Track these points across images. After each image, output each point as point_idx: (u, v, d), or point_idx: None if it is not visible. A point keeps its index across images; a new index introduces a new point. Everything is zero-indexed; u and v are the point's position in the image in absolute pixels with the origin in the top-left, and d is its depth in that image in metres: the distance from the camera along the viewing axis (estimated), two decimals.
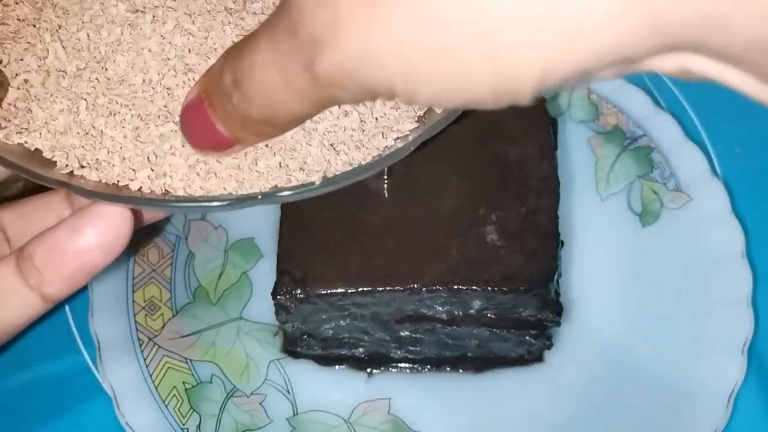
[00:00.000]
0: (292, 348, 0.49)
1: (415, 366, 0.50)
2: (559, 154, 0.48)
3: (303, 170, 0.32)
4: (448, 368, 0.50)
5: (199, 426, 0.47)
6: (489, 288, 0.43)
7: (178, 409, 0.48)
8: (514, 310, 0.45)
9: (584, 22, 0.20)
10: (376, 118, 0.35)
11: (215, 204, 0.31)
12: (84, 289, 0.50)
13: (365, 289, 0.43)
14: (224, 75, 0.25)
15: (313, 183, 0.32)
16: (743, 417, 0.48)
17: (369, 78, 0.22)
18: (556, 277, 0.44)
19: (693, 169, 0.55)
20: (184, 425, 0.47)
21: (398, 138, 0.35)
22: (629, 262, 0.52)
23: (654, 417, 0.47)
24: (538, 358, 0.50)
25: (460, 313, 0.45)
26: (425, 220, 0.45)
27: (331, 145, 0.33)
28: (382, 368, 0.50)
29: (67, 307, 0.52)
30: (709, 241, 0.52)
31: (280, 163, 0.32)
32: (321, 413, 0.48)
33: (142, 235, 0.52)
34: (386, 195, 0.46)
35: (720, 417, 0.46)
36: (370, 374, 0.50)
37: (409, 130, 0.35)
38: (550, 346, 0.49)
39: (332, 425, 0.48)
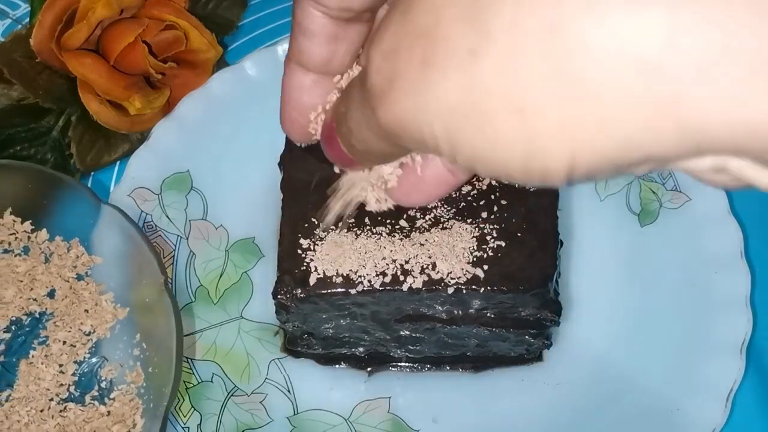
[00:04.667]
0: (292, 347, 0.50)
1: (415, 365, 0.50)
2: None
3: None
4: (447, 367, 0.50)
5: (200, 425, 0.47)
6: (489, 288, 0.43)
7: (179, 408, 0.48)
8: (513, 309, 0.45)
9: (613, 116, 0.20)
10: None
11: None
12: None
13: (365, 288, 0.43)
14: (340, 106, 0.28)
15: None
16: (742, 416, 0.48)
17: (418, 134, 0.23)
18: (555, 277, 0.45)
19: None
20: (185, 424, 0.47)
21: None
22: (628, 261, 0.53)
23: (653, 416, 0.47)
24: (538, 358, 0.50)
25: (460, 312, 0.45)
26: (425, 220, 0.45)
27: None
28: (383, 367, 0.50)
29: None
30: (708, 241, 0.52)
31: None
32: (321, 412, 0.48)
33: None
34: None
35: (719, 416, 0.46)
36: (370, 373, 0.50)
37: None
38: (549, 346, 0.49)
39: (332, 424, 0.48)
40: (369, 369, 0.50)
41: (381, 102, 0.24)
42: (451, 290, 0.43)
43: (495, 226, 0.45)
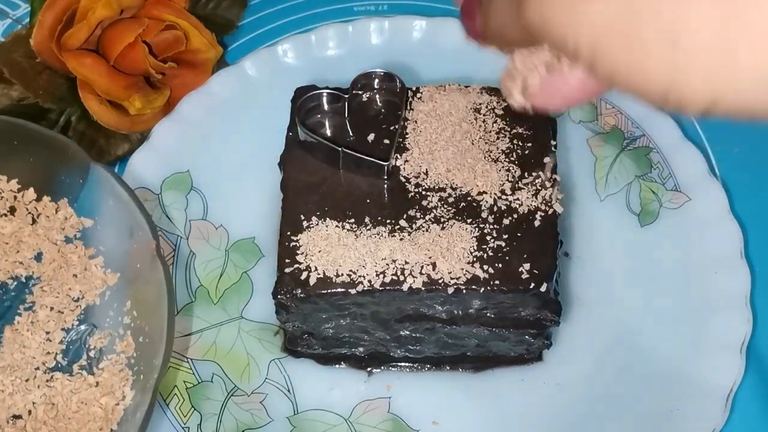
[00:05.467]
0: (292, 347, 0.50)
1: (415, 365, 0.50)
2: (558, 154, 0.48)
3: None
4: (447, 367, 0.50)
5: (200, 425, 0.47)
6: (489, 288, 0.43)
7: (179, 408, 0.48)
8: (513, 309, 0.45)
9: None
10: None
11: None
12: None
13: (365, 288, 0.43)
14: None
15: None
16: (742, 416, 0.48)
17: (561, 39, 0.24)
18: (555, 277, 0.45)
19: (691, 170, 0.55)
20: (185, 424, 0.47)
21: None
22: (628, 261, 0.53)
23: (653, 416, 0.47)
24: (538, 358, 0.50)
25: (460, 312, 0.45)
26: (425, 221, 0.45)
27: None
28: (382, 367, 0.50)
29: None
30: (708, 240, 0.52)
31: None
32: (321, 412, 0.48)
33: None
34: (386, 196, 0.46)
35: (718, 416, 0.46)
36: (370, 373, 0.50)
37: None
38: (549, 346, 0.49)
39: (332, 424, 0.48)
40: (369, 369, 0.50)
41: (530, 2, 0.25)
42: (451, 290, 0.43)
43: (495, 226, 0.45)
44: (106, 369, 0.45)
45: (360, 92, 0.49)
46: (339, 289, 0.43)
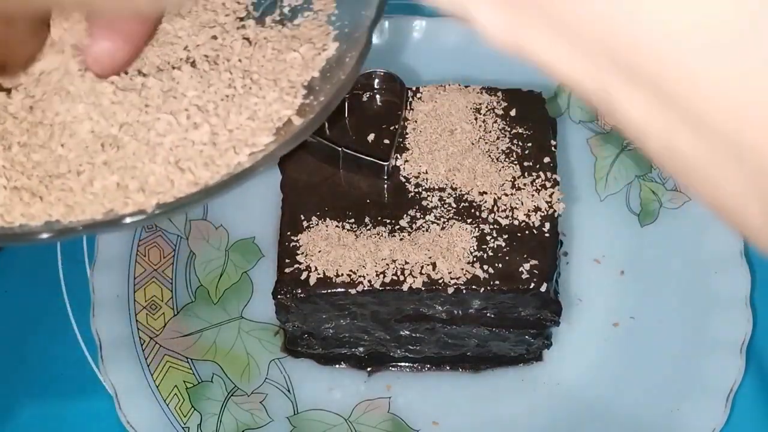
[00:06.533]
0: (292, 347, 0.50)
1: (415, 365, 0.50)
2: (558, 154, 0.48)
3: (143, 191, 0.30)
4: (447, 367, 0.50)
5: (200, 425, 0.47)
6: (489, 288, 0.43)
7: (179, 408, 0.48)
8: (513, 309, 0.45)
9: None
10: (230, 131, 0.33)
11: (27, 237, 0.29)
12: (85, 288, 0.51)
13: (365, 288, 0.43)
14: None
15: (146, 211, 0.30)
16: (742, 416, 0.48)
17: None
18: (555, 277, 0.45)
19: None
20: (185, 424, 0.47)
21: (252, 153, 0.33)
22: (628, 261, 0.53)
23: (653, 415, 0.47)
24: (538, 357, 0.50)
25: (460, 312, 0.45)
26: (425, 221, 0.45)
27: (177, 162, 0.31)
28: (382, 367, 0.50)
29: (68, 307, 0.52)
30: (708, 240, 0.52)
31: (118, 183, 0.30)
32: (321, 412, 0.48)
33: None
34: (386, 196, 0.46)
35: (719, 416, 0.46)
36: (370, 373, 0.50)
37: (265, 144, 0.33)
38: (549, 346, 0.49)
39: (332, 424, 0.48)
40: (369, 369, 0.50)
41: None
42: (451, 290, 0.43)
43: (495, 226, 0.45)
44: (304, 24, 0.39)
45: (360, 92, 0.49)
46: (339, 289, 0.43)
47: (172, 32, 0.37)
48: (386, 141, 0.47)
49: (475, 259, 0.43)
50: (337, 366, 0.50)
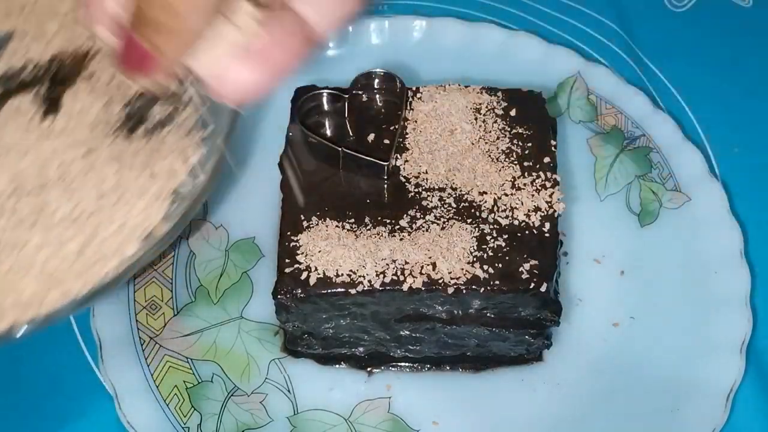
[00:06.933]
0: (292, 347, 0.50)
1: (415, 365, 0.50)
2: (558, 154, 0.48)
3: (16, 307, 0.32)
4: (447, 367, 0.50)
5: (200, 425, 0.47)
6: (489, 288, 0.43)
7: (179, 408, 0.48)
8: (513, 309, 0.45)
9: None
10: (100, 243, 0.36)
11: None
12: None
13: (365, 289, 0.43)
14: None
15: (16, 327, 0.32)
16: (742, 415, 0.48)
17: None
18: (555, 277, 0.45)
19: (692, 170, 0.55)
20: (185, 424, 0.47)
21: (120, 262, 0.36)
22: (628, 261, 0.53)
23: (653, 415, 0.47)
24: (538, 357, 0.50)
25: (460, 312, 0.45)
26: (425, 221, 0.45)
27: (51, 275, 0.33)
28: (383, 367, 0.50)
29: None
30: (708, 240, 0.52)
31: None
32: (321, 412, 0.48)
33: None
34: (386, 196, 0.46)
35: (719, 415, 0.46)
36: (370, 373, 0.50)
37: (131, 254, 0.36)
38: (549, 346, 0.49)
39: (332, 424, 0.48)
40: (369, 369, 0.50)
41: None
42: (451, 290, 0.43)
43: (495, 226, 0.45)
44: (171, 133, 0.43)
45: (360, 92, 0.49)
46: (339, 289, 0.43)
47: (46, 149, 0.40)
48: (386, 141, 0.47)
49: (475, 259, 0.43)
50: (337, 366, 0.50)
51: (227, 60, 0.28)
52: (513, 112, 0.49)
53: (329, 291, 0.43)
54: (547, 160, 0.47)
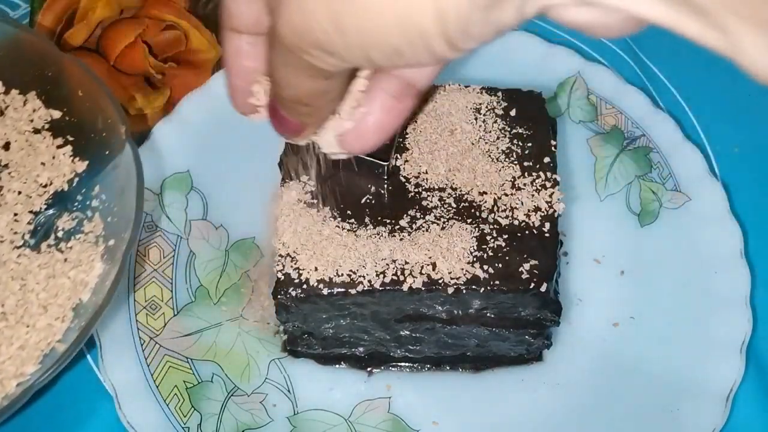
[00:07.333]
0: (292, 347, 0.50)
1: (415, 365, 0.50)
2: (558, 154, 0.48)
3: None
4: (447, 367, 0.50)
5: (200, 425, 0.47)
6: (489, 288, 0.43)
7: (179, 408, 0.48)
8: (513, 309, 0.45)
9: None
10: (1, 363, 0.37)
11: None
12: None
13: (365, 289, 0.43)
14: (268, 65, 0.29)
15: None
16: (742, 416, 0.48)
17: (314, 35, 0.25)
18: (555, 277, 0.45)
19: (692, 169, 0.55)
20: (185, 424, 0.47)
21: (19, 383, 0.37)
22: (628, 261, 0.53)
23: (653, 416, 0.47)
24: (538, 358, 0.50)
25: (460, 312, 0.45)
26: (425, 221, 0.45)
27: None
28: (383, 367, 0.50)
29: None
30: (708, 240, 0.52)
31: None
32: (321, 412, 0.48)
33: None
34: (386, 196, 0.46)
35: (719, 416, 0.46)
36: (370, 373, 0.50)
37: (31, 374, 0.38)
38: (549, 346, 0.49)
39: (332, 424, 0.48)
40: (369, 369, 0.50)
41: (277, 21, 0.25)
42: (451, 290, 0.43)
43: (495, 226, 0.45)
44: (75, 246, 0.45)
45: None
46: (339, 289, 0.43)
47: None
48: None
49: (475, 259, 0.43)
50: (337, 366, 0.50)
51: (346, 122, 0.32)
52: (513, 112, 0.49)
53: (329, 291, 0.43)
54: (547, 160, 0.47)
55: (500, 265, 0.43)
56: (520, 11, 0.23)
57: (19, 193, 0.47)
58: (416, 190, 0.46)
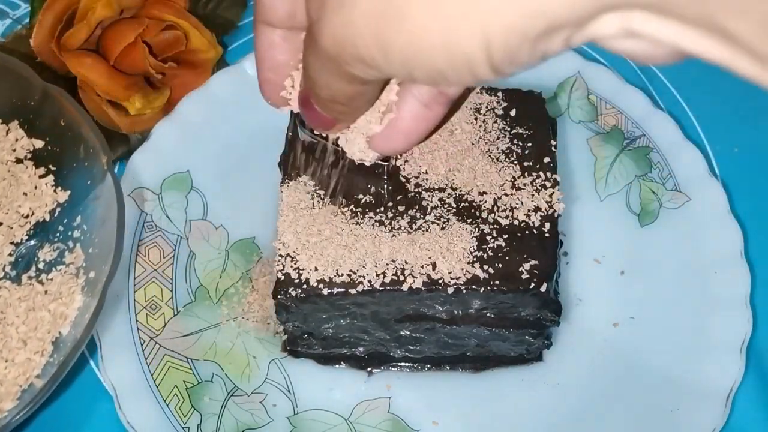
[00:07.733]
0: (292, 347, 0.50)
1: (415, 365, 0.50)
2: (558, 154, 0.48)
3: None
4: (447, 367, 0.50)
5: (200, 425, 0.47)
6: (489, 288, 0.43)
7: (179, 408, 0.48)
8: (513, 309, 0.45)
9: None
10: None
11: None
12: None
13: (365, 289, 0.43)
14: (303, 63, 0.29)
15: None
16: (742, 415, 0.48)
17: (355, 48, 0.25)
18: (555, 277, 0.45)
19: (691, 169, 0.55)
20: (185, 424, 0.47)
21: None
22: (628, 261, 0.53)
23: (653, 416, 0.47)
24: (538, 358, 0.50)
25: (460, 312, 0.45)
26: (425, 221, 0.45)
27: None
28: (383, 367, 0.50)
29: None
30: (708, 240, 0.52)
31: None
32: (321, 412, 0.48)
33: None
34: (386, 196, 0.46)
35: (719, 416, 0.46)
36: (370, 373, 0.50)
37: (8, 410, 0.38)
38: (549, 346, 0.49)
39: (332, 424, 0.48)
40: (369, 369, 0.50)
41: (318, 30, 0.25)
42: (451, 290, 0.43)
43: (495, 226, 0.45)
44: (55, 278, 0.45)
45: None
46: (339, 289, 0.43)
47: None
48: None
49: (475, 259, 0.43)
50: (337, 366, 0.50)
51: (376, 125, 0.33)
52: (513, 112, 0.49)
53: (329, 291, 0.43)
54: (547, 160, 0.47)
55: (500, 265, 0.43)
56: (567, 41, 0.23)
57: (1, 224, 0.47)
58: (416, 190, 0.46)
